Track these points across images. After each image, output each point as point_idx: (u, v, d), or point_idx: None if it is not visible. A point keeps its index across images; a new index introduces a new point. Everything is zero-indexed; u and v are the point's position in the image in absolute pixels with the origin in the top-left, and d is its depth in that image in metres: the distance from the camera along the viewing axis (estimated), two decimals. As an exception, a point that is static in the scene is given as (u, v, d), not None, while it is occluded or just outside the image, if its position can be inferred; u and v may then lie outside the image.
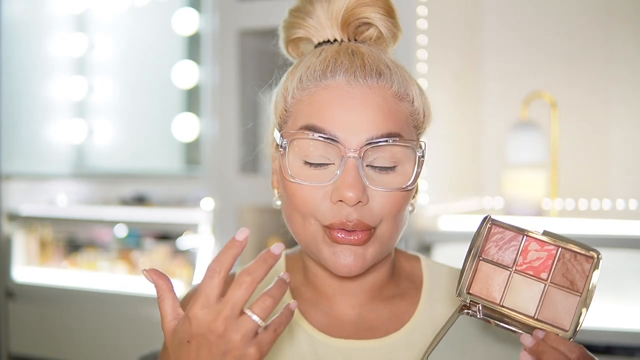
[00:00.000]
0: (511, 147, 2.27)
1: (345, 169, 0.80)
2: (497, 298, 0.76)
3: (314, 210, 0.83)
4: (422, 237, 2.18)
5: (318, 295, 0.93)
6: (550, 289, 0.75)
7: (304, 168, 0.83)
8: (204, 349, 0.71)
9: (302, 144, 0.83)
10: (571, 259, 0.75)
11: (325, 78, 0.84)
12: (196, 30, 3.22)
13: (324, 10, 0.89)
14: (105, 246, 3.19)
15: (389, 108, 0.83)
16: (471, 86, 2.61)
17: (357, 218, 0.80)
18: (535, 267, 0.76)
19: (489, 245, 0.78)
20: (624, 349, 1.97)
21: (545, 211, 2.30)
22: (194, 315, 0.71)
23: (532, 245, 0.77)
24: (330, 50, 0.87)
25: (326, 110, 0.82)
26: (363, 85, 0.83)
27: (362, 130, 0.81)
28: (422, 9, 2.24)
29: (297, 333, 0.90)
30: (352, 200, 0.79)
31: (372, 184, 0.82)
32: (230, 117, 2.46)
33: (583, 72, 2.47)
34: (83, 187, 3.54)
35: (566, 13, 2.51)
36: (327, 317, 0.92)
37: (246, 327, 0.70)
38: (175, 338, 0.73)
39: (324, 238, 0.83)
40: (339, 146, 0.81)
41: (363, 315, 0.92)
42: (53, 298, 3.05)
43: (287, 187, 0.84)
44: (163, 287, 0.75)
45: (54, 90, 3.49)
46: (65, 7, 3.51)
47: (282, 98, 0.88)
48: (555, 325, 0.74)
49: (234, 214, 2.50)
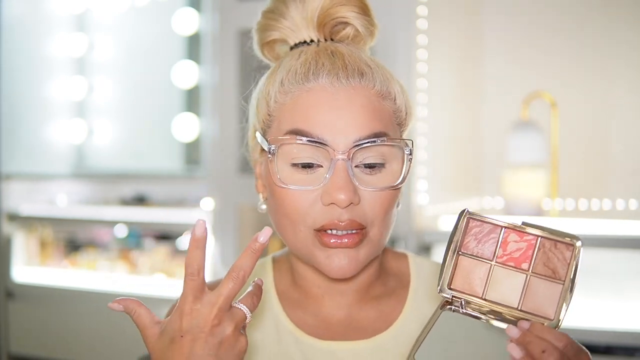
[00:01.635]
0: (511, 147, 2.27)
1: (335, 171, 0.80)
2: (479, 292, 0.76)
3: (304, 214, 0.82)
4: (422, 237, 2.18)
5: (306, 297, 0.93)
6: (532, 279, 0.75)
7: (292, 173, 0.83)
8: (199, 340, 0.72)
9: (290, 149, 0.83)
10: (551, 247, 0.75)
11: (307, 81, 0.84)
12: (196, 30, 3.22)
13: (298, 11, 0.89)
14: (105, 246, 3.19)
15: (373, 107, 0.84)
16: (471, 86, 2.61)
17: (348, 218, 0.81)
18: (515, 258, 0.76)
19: (468, 239, 0.78)
20: (624, 349, 1.97)
21: (545, 211, 2.30)
22: (186, 312, 0.73)
23: (512, 237, 0.77)
24: (310, 52, 0.86)
25: (311, 113, 0.82)
26: (346, 86, 0.83)
27: (349, 132, 0.81)
28: (422, 9, 2.24)
29: (284, 337, 0.90)
30: (344, 202, 0.80)
31: (361, 185, 0.82)
32: (230, 117, 2.46)
33: (583, 72, 2.47)
34: (83, 187, 3.54)
35: (566, 13, 2.51)
36: (316, 319, 0.92)
37: (239, 318, 0.74)
38: (164, 338, 0.74)
39: (315, 243, 0.83)
40: (327, 149, 0.81)
41: (351, 315, 0.92)
42: (53, 298, 3.04)
43: (276, 193, 0.84)
44: (132, 305, 0.76)
45: (54, 90, 3.49)
46: (65, 7, 3.51)
47: (264, 102, 0.87)
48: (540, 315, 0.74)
49: (234, 214, 2.50)
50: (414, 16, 2.20)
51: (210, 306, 0.73)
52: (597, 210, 2.43)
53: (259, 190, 0.93)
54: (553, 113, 2.30)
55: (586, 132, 2.47)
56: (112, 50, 3.52)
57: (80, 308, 2.98)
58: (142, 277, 2.96)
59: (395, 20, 2.19)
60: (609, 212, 2.41)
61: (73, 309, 2.99)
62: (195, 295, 0.73)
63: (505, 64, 2.59)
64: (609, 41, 2.43)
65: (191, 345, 0.72)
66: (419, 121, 2.23)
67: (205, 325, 0.72)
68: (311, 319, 0.92)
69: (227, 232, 2.52)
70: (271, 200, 0.87)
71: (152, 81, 3.42)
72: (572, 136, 2.45)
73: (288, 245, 0.88)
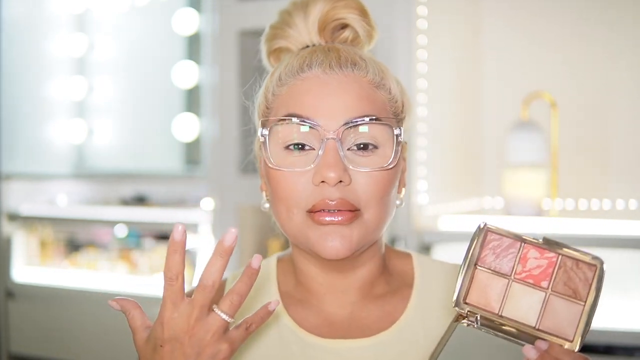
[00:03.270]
0: (511, 147, 2.27)
1: (325, 150, 0.82)
2: (496, 308, 0.74)
3: (297, 196, 0.84)
4: (422, 237, 2.18)
5: (309, 296, 0.93)
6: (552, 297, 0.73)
7: (286, 155, 0.85)
8: (177, 351, 0.74)
9: (283, 132, 0.85)
10: (573, 266, 0.73)
11: (302, 71, 0.87)
12: (196, 30, 3.22)
13: (301, 19, 0.92)
14: (105, 246, 3.19)
15: (365, 93, 0.86)
16: (471, 86, 2.61)
17: (339, 197, 0.82)
18: (535, 276, 0.74)
19: (486, 253, 0.76)
20: (624, 349, 1.97)
21: (545, 211, 2.30)
22: (166, 321, 0.74)
23: (531, 253, 0.75)
24: (308, 50, 0.90)
25: (304, 98, 0.85)
26: (339, 74, 0.86)
27: (340, 114, 0.83)
28: (422, 9, 2.24)
29: (286, 336, 0.90)
30: (333, 180, 0.81)
31: (352, 165, 0.83)
32: (230, 117, 2.46)
33: (583, 72, 2.47)
34: (83, 187, 3.54)
35: (566, 13, 2.51)
36: (318, 317, 0.92)
37: (216, 325, 0.74)
38: (148, 345, 0.76)
39: (309, 223, 0.84)
40: (318, 129, 0.83)
41: (354, 314, 0.92)
42: (53, 298, 3.04)
43: (271, 176, 0.86)
44: (128, 306, 0.79)
45: (54, 90, 3.49)
46: (65, 7, 3.51)
47: (263, 97, 0.91)
48: (558, 335, 0.72)
49: (234, 214, 2.50)
50: (414, 16, 2.20)
51: (186, 317, 0.74)
52: (597, 210, 2.43)
53: (262, 188, 0.94)
54: (553, 113, 2.30)
55: (586, 132, 2.47)
56: (112, 50, 3.52)
57: (80, 308, 2.98)
58: (142, 277, 2.96)
59: (395, 20, 2.19)
60: (609, 212, 2.41)
61: (73, 309, 2.99)
62: (173, 302, 0.75)
63: (505, 63, 2.59)
64: (609, 41, 2.43)
65: (171, 356, 0.74)
66: (419, 121, 2.23)
67: (184, 337, 0.74)
68: (313, 317, 0.92)
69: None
70: (269, 189, 0.89)
71: (152, 81, 3.42)
72: (572, 136, 2.45)
73: (285, 232, 0.89)
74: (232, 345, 0.75)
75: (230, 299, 0.75)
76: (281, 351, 0.90)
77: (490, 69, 2.62)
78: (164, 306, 0.75)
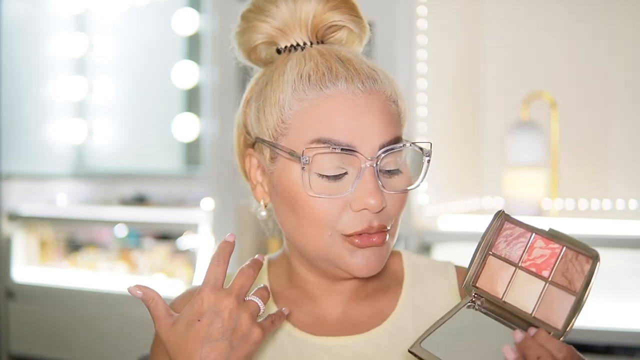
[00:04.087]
0: (511, 147, 2.27)
1: (365, 177, 0.82)
2: (500, 293, 0.77)
3: (333, 221, 0.83)
4: (422, 237, 2.18)
5: (303, 296, 0.94)
6: (550, 287, 0.75)
7: (320, 181, 0.83)
8: (215, 323, 0.77)
9: (317, 158, 0.83)
10: (572, 258, 0.75)
11: (325, 87, 0.84)
12: (196, 30, 3.22)
13: (290, 14, 0.89)
14: (105, 246, 3.19)
15: (388, 112, 0.85)
16: (471, 86, 2.61)
17: (379, 223, 0.83)
18: (538, 265, 0.76)
19: (499, 241, 0.79)
20: (624, 349, 1.97)
21: (545, 211, 2.30)
22: (206, 295, 0.78)
23: (538, 243, 0.77)
24: (315, 56, 0.86)
25: (336, 121, 0.83)
26: (364, 92, 0.84)
27: (374, 138, 0.83)
28: (422, 9, 2.24)
29: (278, 334, 0.91)
30: (376, 208, 0.82)
31: (386, 188, 0.84)
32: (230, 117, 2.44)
33: (583, 72, 2.47)
34: (83, 187, 3.54)
35: (566, 13, 2.51)
36: (311, 317, 0.93)
37: (253, 307, 0.79)
38: (178, 325, 0.78)
39: (344, 245, 0.84)
40: (358, 156, 0.82)
41: (347, 312, 0.93)
42: (53, 298, 3.05)
43: (304, 202, 0.84)
44: (151, 294, 0.81)
45: (54, 90, 3.49)
46: (65, 7, 3.51)
47: (276, 109, 0.86)
48: (549, 324, 0.74)
49: (234, 214, 2.50)
50: (414, 16, 2.20)
51: (227, 294, 0.78)
52: (597, 210, 2.43)
53: (259, 197, 0.93)
54: (553, 113, 2.31)
55: (586, 132, 2.47)
56: (112, 50, 3.53)
57: (80, 308, 2.98)
58: (142, 277, 2.96)
59: (395, 20, 2.19)
60: (609, 212, 2.41)
61: (73, 309, 3.00)
62: (216, 282, 0.79)
63: (505, 64, 2.60)
64: (609, 41, 2.43)
65: (207, 330, 0.76)
66: (419, 121, 2.23)
67: (223, 311, 0.77)
68: (306, 317, 0.93)
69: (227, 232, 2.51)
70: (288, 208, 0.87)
71: (152, 81, 3.42)
72: (572, 136, 2.45)
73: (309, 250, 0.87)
74: (264, 331, 0.79)
75: (261, 292, 0.81)
76: (274, 350, 0.91)
77: (490, 69, 2.62)
78: (207, 283, 0.79)
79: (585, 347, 1.98)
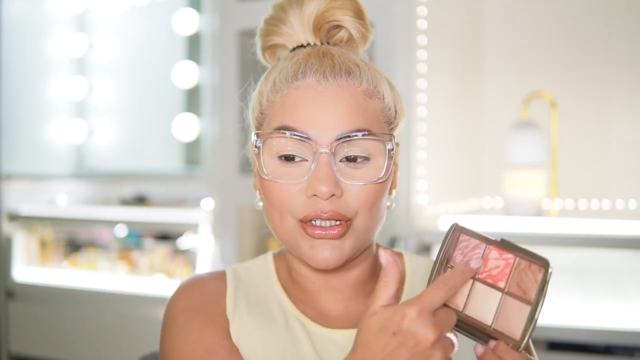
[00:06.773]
0: (511, 147, 2.27)
1: (318, 164, 0.84)
2: (460, 306, 0.76)
3: (289, 205, 0.86)
4: (422, 237, 2.19)
5: (304, 293, 0.96)
6: (506, 298, 0.74)
7: (279, 166, 0.87)
8: (406, 347, 0.70)
9: (277, 143, 0.87)
10: (525, 268, 0.74)
11: (296, 79, 0.88)
12: (196, 30, 3.23)
13: (296, 17, 0.93)
14: (105, 246, 3.19)
15: (358, 105, 0.87)
16: (471, 86, 2.61)
17: (331, 210, 0.84)
18: (493, 276, 0.76)
19: (456, 253, 0.78)
20: (624, 349, 1.97)
21: (545, 211, 2.30)
22: (410, 315, 0.70)
23: (493, 254, 0.76)
24: (302, 54, 0.90)
25: (298, 109, 0.86)
26: (333, 84, 0.87)
27: (333, 127, 0.85)
28: (422, 9, 2.24)
29: (291, 322, 0.93)
30: (325, 194, 0.83)
31: (345, 178, 0.85)
32: (230, 117, 2.46)
33: (583, 72, 2.48)
34: (83, 187, 3.54)
35: (566, 13, 2.51)
36: (316, 311, 0.95)
37: (449, 348, 0.72)
38: (377, 321, 0.72)
39: (302, 233, 0.86)
40: (311, 143, 0.85)
41: (349, 309, 0.95)
42: (53, 298, 3.05)
43: (264, 185, 0.88)
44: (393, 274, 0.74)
45: (54, 90, 3.49)
46: (65, 7, 3.51)
47: (257, 102, 0.92)
48: (508, 335, 0.73)
49: (234, 214, 2.50)
50: (414, 16, 2.20)
51: (434, 325, 0.70)
52: (597, 210, 2.43)
53: (256, 187, 0.96)
54: (553, 113, 2.31)
55: (586, 132, 2.47)
56: (112, 50, 3.53)
57: (80, 308, 2.98)
58: (142, 277, 2.97)
59: (395, 20, 2.19)
60: (609, 212, 2.41)
61: (73, 309, 3.00)
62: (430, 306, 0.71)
63: (505, 64, 2.60)
64: (609, 41, 2.43)
65: (396, 348, 0.70)
66: (419, 121, 2.23)
67: (422, 342, 0.70)
68: (312, 311, 0.95)
69: (227, 232, 2.52)
70: (264, 194, 0.91)
71: (152, 81, 3.42)
72: (572, 136, 2.45)
73: (278, 237, 0.91)
74: None
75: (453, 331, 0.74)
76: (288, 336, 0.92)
77: (490, 69, 2.62)
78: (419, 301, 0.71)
79: (585, 347, 1.98)
